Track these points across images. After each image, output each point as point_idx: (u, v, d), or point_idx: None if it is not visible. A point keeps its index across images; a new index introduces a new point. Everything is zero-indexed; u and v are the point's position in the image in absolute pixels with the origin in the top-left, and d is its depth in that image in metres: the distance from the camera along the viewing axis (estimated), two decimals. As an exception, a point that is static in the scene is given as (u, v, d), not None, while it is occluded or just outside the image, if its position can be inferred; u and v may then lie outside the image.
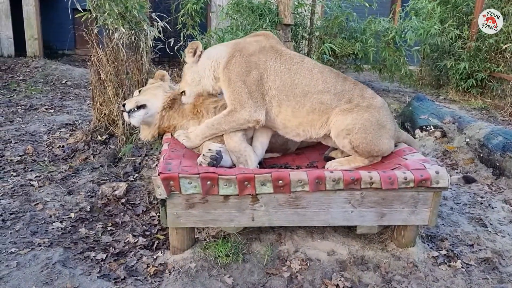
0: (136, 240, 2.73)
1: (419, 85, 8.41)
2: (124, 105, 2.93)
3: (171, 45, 4.36)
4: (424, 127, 4.75)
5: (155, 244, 2.70)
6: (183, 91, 2.90)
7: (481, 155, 4.10)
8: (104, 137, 4.09)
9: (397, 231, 2.69)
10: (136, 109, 2.90)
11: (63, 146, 4.17)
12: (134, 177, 3.60)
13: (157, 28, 4.07)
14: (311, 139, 2.83)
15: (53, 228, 2.83)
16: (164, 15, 4.21)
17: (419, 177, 2.40)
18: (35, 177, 3.55)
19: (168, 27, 4.18)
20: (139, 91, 3.10)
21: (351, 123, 2.59)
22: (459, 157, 4.27)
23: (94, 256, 2.55)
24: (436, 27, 6.85)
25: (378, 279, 2.46)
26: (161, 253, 2.59)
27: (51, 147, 4.21)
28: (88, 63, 4.17)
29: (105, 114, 4.10)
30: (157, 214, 3.01)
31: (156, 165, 3.64)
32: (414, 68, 8.29)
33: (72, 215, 3.01)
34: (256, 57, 2.68)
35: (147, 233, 2.83)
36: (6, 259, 2.44)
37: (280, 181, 2.35)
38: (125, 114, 2.93)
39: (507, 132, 4.05)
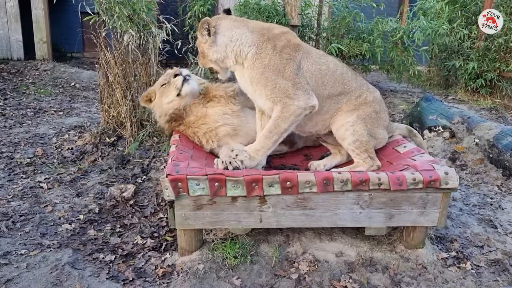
0: (144, 242, 2.74)
1: (427, 85, 8.35)
2: (181, 72, 3.05)
3: (178, 47, 4.37)
4: (432, 127, 4.71)
5: (163, 246, 2.71)
6: (211, 68, 2.85)
7: (491, 156, 4.06)
8: (112, 139, 4.11)
9: (406, 233, 2.67)
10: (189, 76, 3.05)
11: (71, 148, 4.20)
12: (142, 178, 3.61)
13: (165, 31, 4.09)
14: (315, 134, 2.88)
15: (62, 230, 2.85)
16: (172, 17, 4.22)
17: (428, 178, 2.38)
18: (44, 179, 3.58)
19: (175, 29, 4.19)
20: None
21: (355, 118, 2.66)
22: (468, 158, 4.23)
23: (103, 258, 2.57)
24: (444, 27, 6.80)
25: (387, 280, 2.45)
26: (169, 254, 2.60)
27: (60, 149, 4.25)
28: (96, 65, 4.19)
29: (113, 116, 4.13)
30: (165, 216, 3.02)
31: (164, 166, 3.66)
32: (422, 68, 8.23)
33: (81, 216, 3.03)
34: (288, 53, 2.57)
35: (155, 234, 2.84)
36: (16, 260, 2.46)
37: (288, 182, 2.35)
38: (179, 78, 2.99)
39: (517, 132, 4.01)
